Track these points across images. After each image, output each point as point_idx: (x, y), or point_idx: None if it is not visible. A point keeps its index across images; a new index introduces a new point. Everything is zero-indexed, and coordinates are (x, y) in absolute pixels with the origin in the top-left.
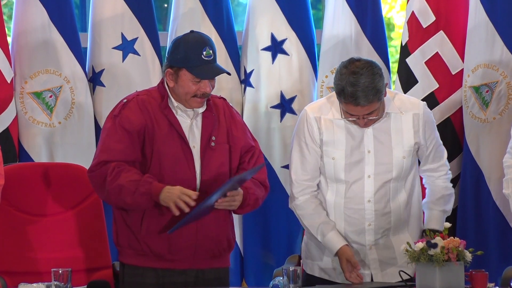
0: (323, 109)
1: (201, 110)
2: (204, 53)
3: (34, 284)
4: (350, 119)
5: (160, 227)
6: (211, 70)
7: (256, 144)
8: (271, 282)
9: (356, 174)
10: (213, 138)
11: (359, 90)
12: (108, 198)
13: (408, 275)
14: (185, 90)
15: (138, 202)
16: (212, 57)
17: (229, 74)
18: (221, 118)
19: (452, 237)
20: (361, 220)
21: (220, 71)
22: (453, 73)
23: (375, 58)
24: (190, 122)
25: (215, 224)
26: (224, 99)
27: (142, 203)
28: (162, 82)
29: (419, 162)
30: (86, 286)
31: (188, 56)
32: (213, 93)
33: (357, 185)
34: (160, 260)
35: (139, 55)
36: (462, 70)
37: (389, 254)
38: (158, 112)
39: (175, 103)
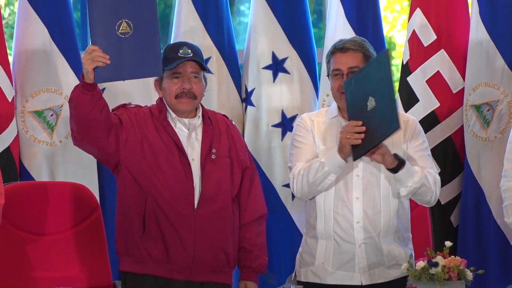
0: (318, 114)
1: (198, 122)
2: (181, 51)
3: None
4: (335, 77)
5: (160, 232)
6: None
7: (252, 166)
8: None
9: (345, 173)
10: (214, 150)
11: (347, 40)
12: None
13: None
14: (168, 92)
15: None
16: (190, 55)
17: (210, 72)
18: (222, 132)
19: (453, 256)
20: (350, 218)
21: (194, 59)
22: (454, 92)
23: None
24: (188, 134)
25: (214, 236)
26: (226, 116)
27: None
28: (160, 98)
29: None
30: None
31: (166, 57)
32: (215, 111)
33: (346, 184)
34: (158, 267)
35: None
36: (463, 88)
37: (377, 256)
38: (158, 124)
39: (173, 115)
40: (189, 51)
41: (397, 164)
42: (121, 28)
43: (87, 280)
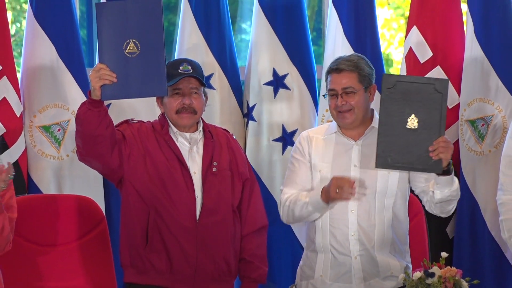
0: (318, 130)
1: (199, 137)
2: (181, 67)
3: None
4: (331, 97)
5: (163, 244)
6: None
7: (252, 178)
8: None
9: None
10: (215, 163)
11: (342, 59)
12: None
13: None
14: (169, 107)
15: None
16: (190, 71)
17: (205, 86)
18: (223, 145)
19: (449, 267)
20: (345, 230)
21: (194, 75)
22: (450, 107)
23: None
24: (190, 148)
25: (216, 247)
26: (227, 131)
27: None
28: (162, 113)
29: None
30: None
31: (167, 73)
32: (220, 126)
33: None
34: (162, 278)
35: None
36: (458, 104)
37: (373, 267)
38: (160, 139)
39: (175, 129)
40: (189, 67)
41: (446, 170)
42: (128, 47)
43: None
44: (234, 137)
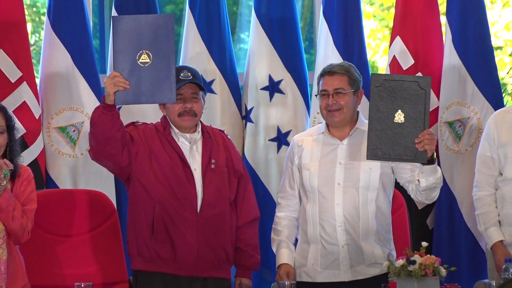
0: (309, 132)
1: (198, 137)
2: (182, 74)
3: None
4: (323, 97)
5: (167, 235)
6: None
7: (245, 174)
8: None
9: (327, 182)
10: (213, 161)
11: (335, 64)
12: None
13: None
14: (171, 111)
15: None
16: (190, 78)
17: (204, 90)
18: (219, 145)
19: (428, 255)
20: (332, 222)
21: (193, 81)
22: (430, 110)
23: None
24: (190, 147)
25: (215, 237)
26: (223, 131)
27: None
28: (164, 116)
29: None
30: None
31: None
32: (216, 127)
33: (328, 192)
34: (166, 265)
35: None
36: (438, 107)
37: (358, 255)
38: (163, 139)
39: (176, 131)
40: (189, 74)
41: (430, 160)
42: (141, 58)
43: (105, 276)
44: (229, 136)
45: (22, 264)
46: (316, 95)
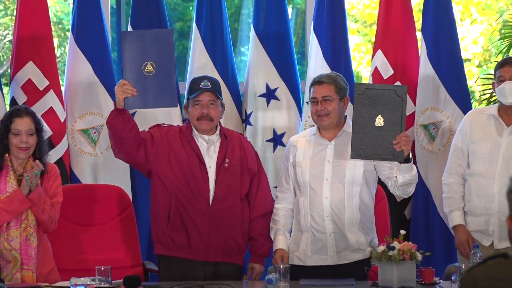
0: (303, 133)
1: (216, 138)
2: (202, 83)
3: (82, 278)
4: (313, 103)
5: (182, 224)
6: (205, 91)
7: (259, 172)
8: (266, 277)
9: (317, 178)
10: (227, 160)
11: (323, 75)
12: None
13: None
14: (191, 115)
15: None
16: (209, 87)
17: (220, 98)
18: (235, 146)
19: (406, 242)
20: (321, 213)
21: (211, 90)
22: (407, 114)
23: None
24: (207, 147)
25: (225, 227)
26: (242, 135)
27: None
28: (187, 120)
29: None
30: (122, 280)
31: (190, 88)
32: (233, 130)
33: (318, 186)
34: (182, 251)
35: None
36: (414, 112)
37: (344, 242)
38: (184, 139)
39: (196, 132)
40: (209, 83)
41: (406, 159)
42: (146, 68)
43: (122, 260)
44: (248, 139)
45: (50, 250)
46: (307, 102)
